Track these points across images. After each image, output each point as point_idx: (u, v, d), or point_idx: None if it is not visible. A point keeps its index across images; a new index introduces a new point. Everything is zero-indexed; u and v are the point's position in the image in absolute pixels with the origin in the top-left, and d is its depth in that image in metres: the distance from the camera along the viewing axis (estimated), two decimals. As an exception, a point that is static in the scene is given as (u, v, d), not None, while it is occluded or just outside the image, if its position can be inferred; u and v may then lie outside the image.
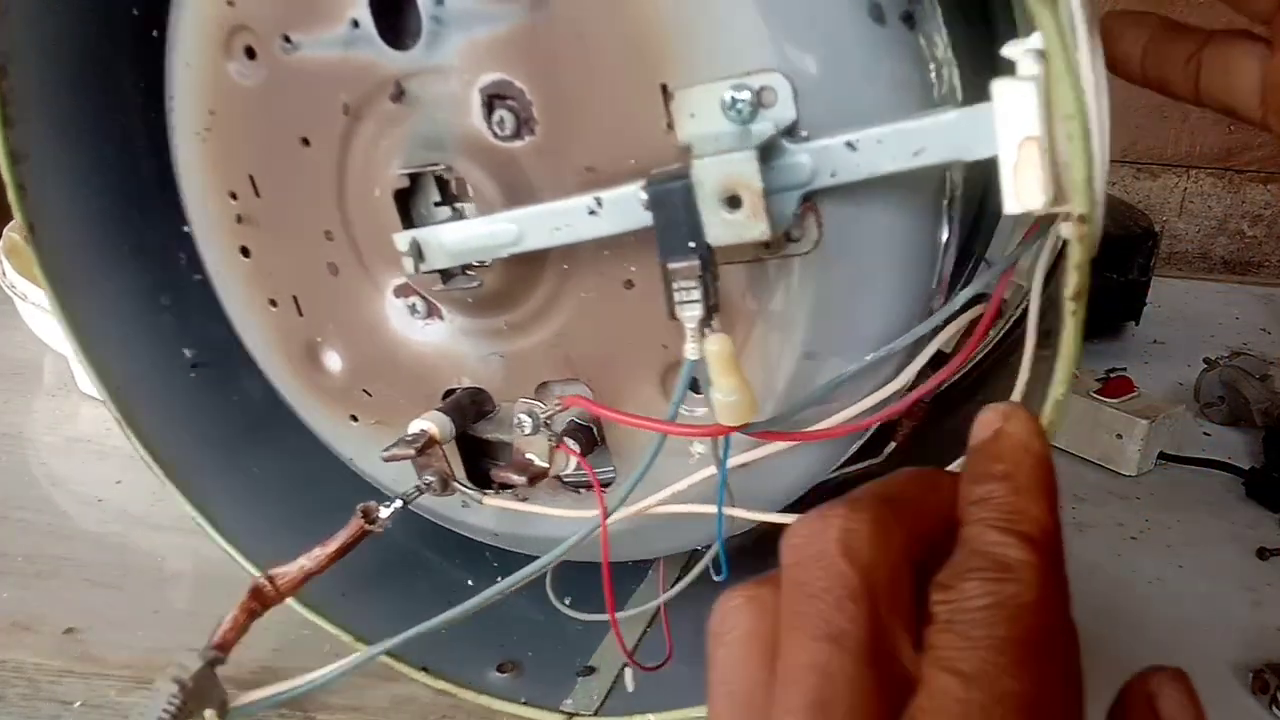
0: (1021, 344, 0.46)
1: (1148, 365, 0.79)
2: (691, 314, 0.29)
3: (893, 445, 0.46)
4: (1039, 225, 0.34)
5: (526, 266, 0.36)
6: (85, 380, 0.44)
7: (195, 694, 0.36)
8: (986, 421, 0.25)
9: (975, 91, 0.33)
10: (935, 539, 0.25)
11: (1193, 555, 0.57)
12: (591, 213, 0.31)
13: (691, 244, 0.29)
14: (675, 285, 0.29)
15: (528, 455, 0.38)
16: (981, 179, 0.35)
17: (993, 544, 0.22)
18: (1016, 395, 0.33)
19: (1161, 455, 0.65)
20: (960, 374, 0.38)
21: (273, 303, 0.43)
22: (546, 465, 0.38)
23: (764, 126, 0.29)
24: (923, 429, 0.47)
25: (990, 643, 0.21)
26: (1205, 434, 0.70)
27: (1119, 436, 0.63)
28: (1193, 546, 0.57)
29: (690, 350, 0.30)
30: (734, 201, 0.28)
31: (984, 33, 0.47)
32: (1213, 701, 0.45)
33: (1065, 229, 0.29)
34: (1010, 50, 0.27)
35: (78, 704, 0.45)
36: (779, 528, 0.38)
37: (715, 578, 0.41)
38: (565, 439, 0.37)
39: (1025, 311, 0.47)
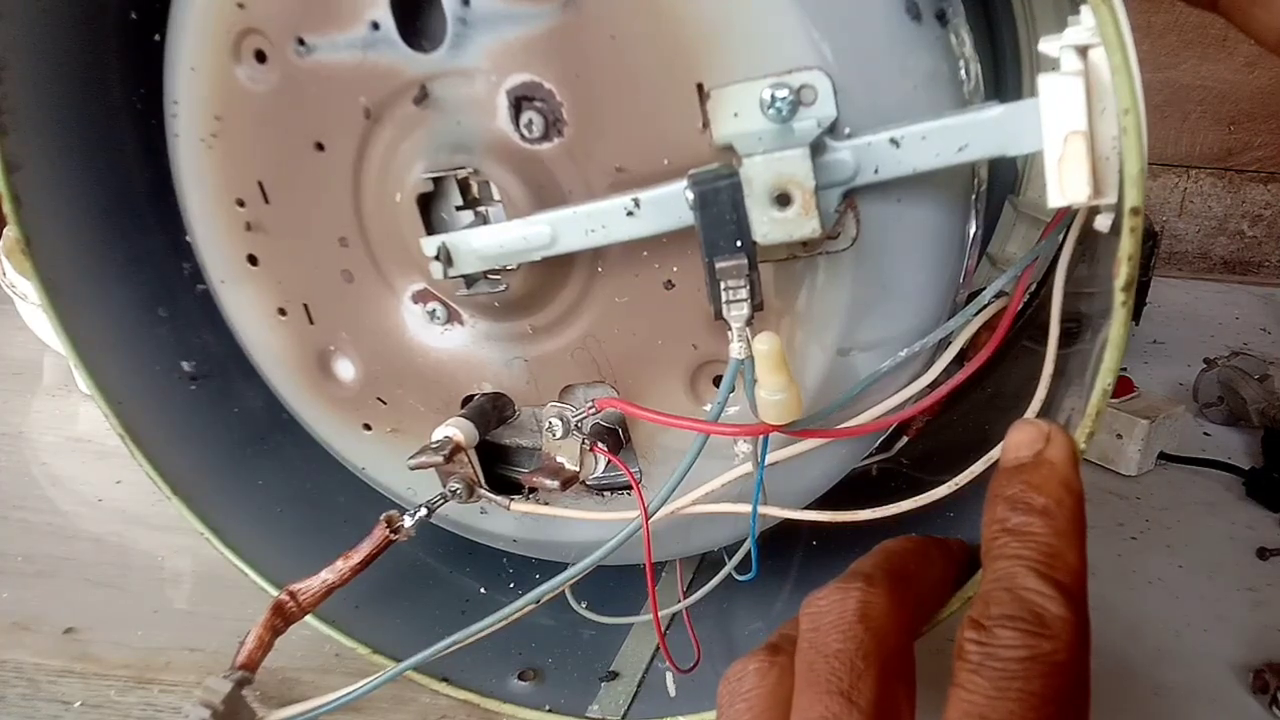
0: (1021, 336, 0.47)
1: (1148, 365, 0.80)
2: (739, 313, 0.29)
3: (905, 439, 0.47)
4: (1059, 220, 0.35)
5: (554, 269, 0.35)
6: (85, 381, 0.43)
7: (225, 717, 0.35)
8: (1025, 439, 0.27)
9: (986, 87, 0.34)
10: (931, 610, 0.28)
11: (1193, 555, 0.57)
12: (629, 213, 0.31)
13: (738, 242, 0.29)
14: (723, 284, 0.29)
15: (558, 459, 0.38)
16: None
17: (1031, 590, 0.23)
18: (1041, 391, 0.33)
19: (1161, 455, 0.65)
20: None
21: (282, 311, 0.42)
22: (578, 469, 0.38)
23: (806, 124, 0.29)
24: (933, 421, 0.47)
25: (1020, 697, 0.22)
26: (1205, 434, 0.71)
27: (1119, 436, 0.64)
28: (1193, 546, 0.58)
29: (737, 349, 0.30)
30: (784, 199, 0.28)
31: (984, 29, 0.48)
32: (1213, 701, 0.46)
33: (1101, 221, 0.29)
34: (1047, 46, 0.28)
35: (77, 704, 0.44)
36: (793, 524, 0.38)
37: (739, 578, 0.41)
38: (597, 441, 0.37)
39: (1025, 307, 0.48)
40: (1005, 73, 0.49)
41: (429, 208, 0.36)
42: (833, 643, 0.24)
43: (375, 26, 0.34)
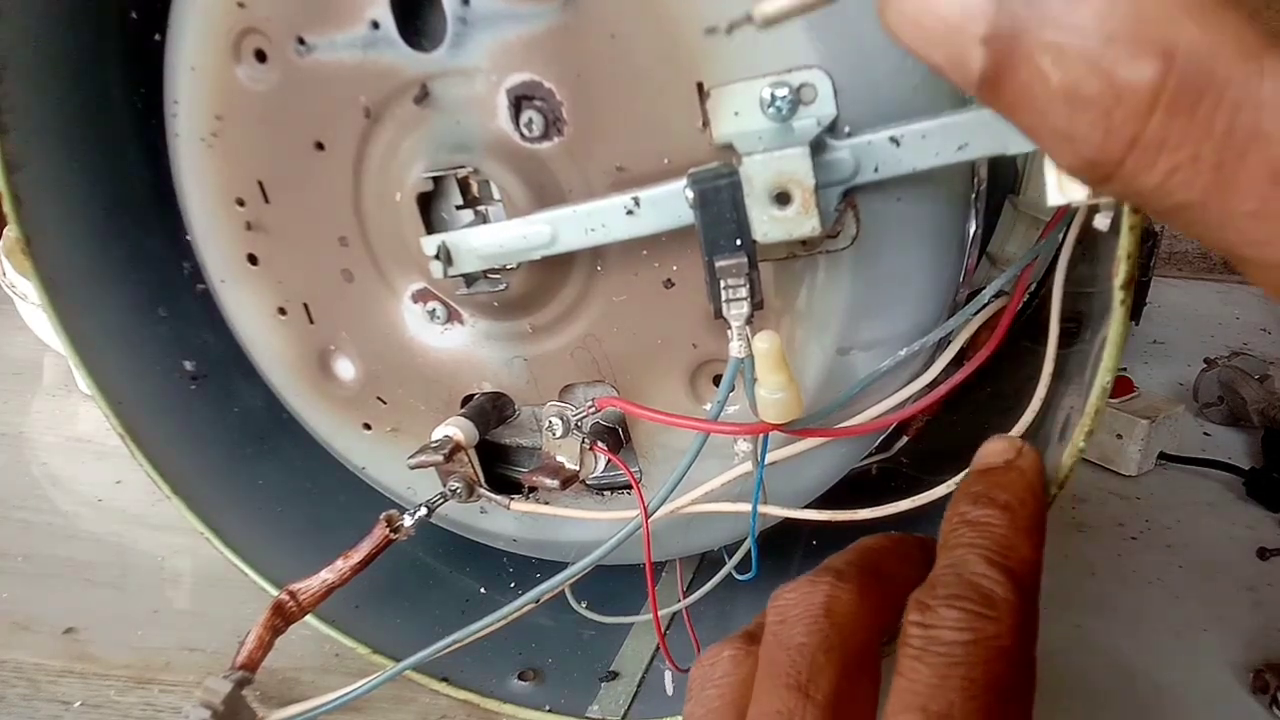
0: (1022, 336, 0.47)
1: (1148, 365, 0.80)
2: (739, 312, 0.29)
3: (905, 439, 0.47)
4: (1058, 219, 0.35)
5: (554, 268, 0.35)
6: (85, 381, 0.43)
7: (226, 717, 0.35)
8: (997, 450, 0.27)
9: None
10: (903, 607, 0.26)
11: (1193, 555, 0.57)
12: (629, 212, 0.31)
13: (738, 241, 0.29)
14: (723, 283, 0.29)
15: (558, 458, 0.38)
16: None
17: (980, 575, 0.23)
18: (1041, 390, 0.33)
19: (1161, 455, 0.65)
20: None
21: (282, 311, 0.42)
22: (578, 468, 0.38)
23: (806, 123, 0.29)
24: (932, 421, 0.47)
25: (962, 685, 0.21)
26: (1205, 434, 0.71)
27: (1119, 436, 0.64)
28: (1193, 546, 0.58)
29: (737, 348, 0.30)
30: (783, 198, 0.28)
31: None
32: (1213, 701, 0.46)
33: (1100, 220, 0.29)
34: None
35: (77, 704, 0.44)
36: (793, 524, 0.38)
37: (739, 577, 0.41)
38: (597, 441, 0.37)
39: (1025, 306, 0.48)
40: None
41: (429, 207, 0.36)
42: (796, 636, 0.24)
43: (375, 26, 0.34)
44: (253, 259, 0.41)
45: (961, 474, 0.34)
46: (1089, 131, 0.13)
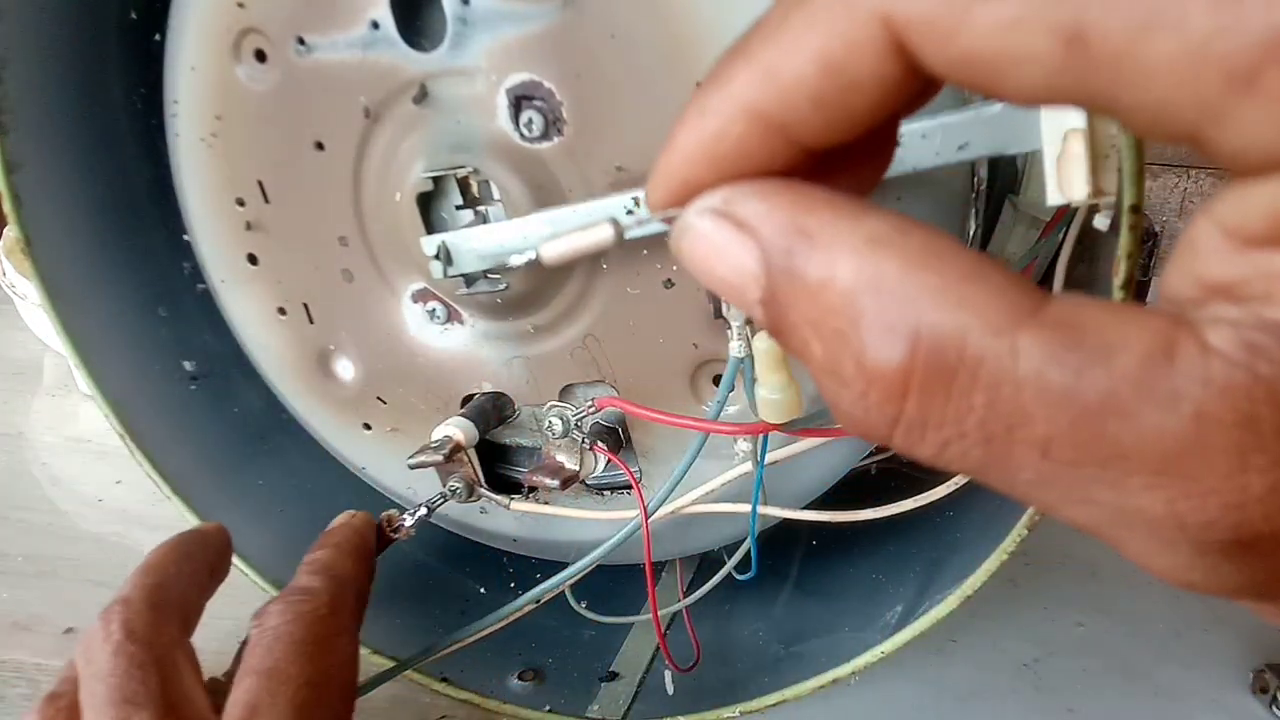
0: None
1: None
2: (739, 311, 0.29)
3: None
4: (1058, 219, 0.35)
5: (554, 268, 0.35)
6: (85, 381, 0.43)
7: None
8: (341, 517, 0.39)
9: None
10: (204, 599, 0.35)
11: (1194, 556, 0.57)
12: (629, 212, 0.31)
13: (738, 241, 0.29)
14: (723, 283, 0.29)
15: (558, 458, 0.38)
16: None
17: (300, 576, 0.33)
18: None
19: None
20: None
21: (282, 311, 0.42)
22: (578, 468, 0.38)
23: (806, 123, 0.29)
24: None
25: (287, 645, 0.29)
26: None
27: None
28: (1194, 547, 0.58)
29: (737, 348, 0.30)
30: (783, 198, 0.28)
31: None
32: (1213, 702, 0.46)
33: (1100, 220, 0.29)
34: (1047, 45, 0.28)
35: (78, 704, 0.44)
36: (793, 524, 0.38)
37: (739, 577, 0.41)
38: (597, 441, 0.37)
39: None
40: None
41: (429, 207, 0.36)
42: (103, 662, 0.28)
43: (375, 26, 0.34)
44: (253, 259, 0.41)
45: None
46: (852, 409, 0.13)
